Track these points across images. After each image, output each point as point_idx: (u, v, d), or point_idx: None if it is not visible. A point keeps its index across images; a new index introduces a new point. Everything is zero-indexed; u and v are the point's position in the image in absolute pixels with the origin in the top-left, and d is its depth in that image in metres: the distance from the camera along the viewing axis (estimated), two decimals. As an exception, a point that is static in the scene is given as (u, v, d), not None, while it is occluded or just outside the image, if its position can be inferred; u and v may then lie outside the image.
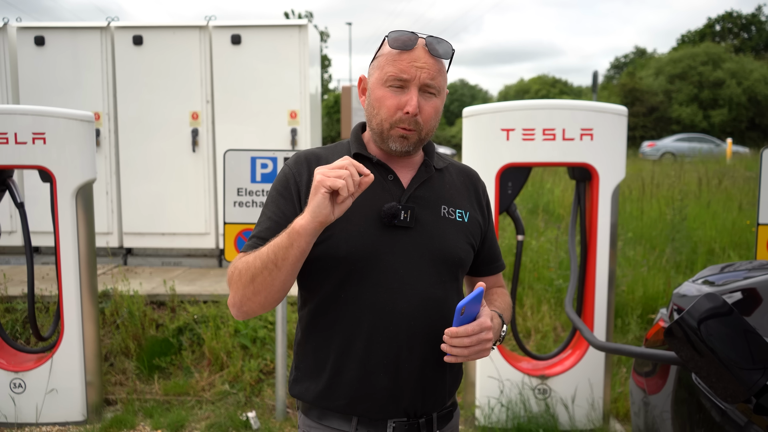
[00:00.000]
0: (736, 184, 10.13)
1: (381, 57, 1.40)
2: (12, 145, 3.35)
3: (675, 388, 2.09)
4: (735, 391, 1.46)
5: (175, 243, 5.87)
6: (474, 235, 1.51)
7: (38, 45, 5.67)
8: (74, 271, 3.45)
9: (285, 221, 1.37)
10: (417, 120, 1.37)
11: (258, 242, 1.38)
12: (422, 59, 1.36)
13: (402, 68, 1.36)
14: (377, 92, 1.39)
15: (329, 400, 1.42)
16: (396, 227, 1.39)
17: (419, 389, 1.42)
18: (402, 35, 1.37)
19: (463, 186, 1.56)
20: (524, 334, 4.62)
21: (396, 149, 1.40)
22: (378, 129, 1.41)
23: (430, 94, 1.39)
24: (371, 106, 1.42)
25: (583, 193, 3.50)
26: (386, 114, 1.38)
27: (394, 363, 1.39)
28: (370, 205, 1.40)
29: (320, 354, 1.44)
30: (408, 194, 1.43)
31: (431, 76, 1.37)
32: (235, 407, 3.72)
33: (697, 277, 2.53)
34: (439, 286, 1.42)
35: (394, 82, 1.37)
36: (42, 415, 3.51)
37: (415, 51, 1.36)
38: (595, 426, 3.44)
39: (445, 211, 1.46)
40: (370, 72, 1.45)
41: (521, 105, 3.38)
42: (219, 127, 5.74)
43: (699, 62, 34.74)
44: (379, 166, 1.45)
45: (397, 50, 1.37)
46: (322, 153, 1.49)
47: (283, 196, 1.43)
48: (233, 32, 5.64)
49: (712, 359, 1.46)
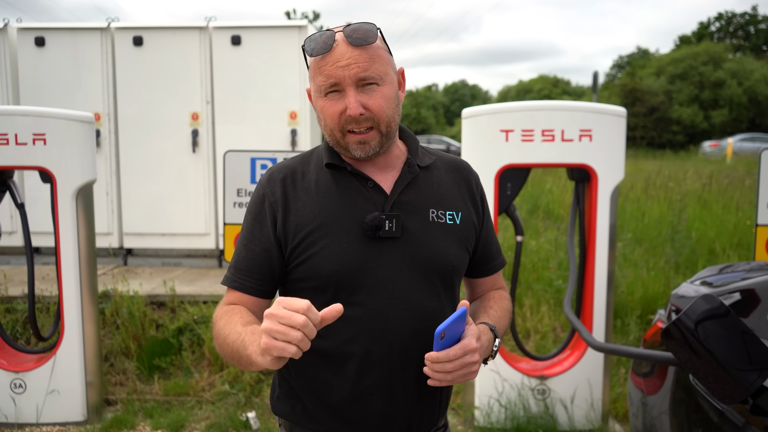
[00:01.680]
0: (733, 184, 10.13)
1: (310, 67, 1.32)
2: (12, 146, 3.36)
3: (673, 388, 2.10)
4: (732, 392, 1.47)
5: (175, 243, 5.87)
6: (468, 238, 1.41)
7: (38, 46, 5.68)
8: (74, 272, 3.45)
9: (260, 248, 1.34)
10: (366, 116, 1.27)
11: (236, 275, 1.35)
12: (346, 55, 1.25)
13: (328, 73, 1.26)
14: (319, 104, 1.31)
15: (317, 423, 1.35)
16: (381, 239, 1.30)
17: (414, 410, 1.35)
18: (316, 39, 1.28)
19: (454, 182, 1.44)
20: (523, 334, 4.62)
21: (359, 155, 1.31)
22: (332, 140, 1.33)
23: (372, 85, 1.27)
24: (319, 119, 1.34)
25: (582, 194, 3.50)
26: (333, 122, 1.29)
27: (387, 385, 1.31)
28: (352, 217, 1.31)
29: (307, 375, 1.35)
30: (392, 201, 1.33)
31: (363, 68, 1.25)
32: (235, 407, 3.73)
33: (695, 278, 2.54)
34: (433, 297, 1.34)
35: (329, 89, 1.28)
36: (42, 415, 3.51)
37: (336, 50, 1.26)
38: (594, 426, 3.44)
39: (434, 215, 1.36)
40: (310, 84, 1.37)
41: (520, 106, 3.38)
42: (219, 127, 5.75)
43: (700, 62, 34.73)
44: (355, 175, 1.35)
45: (318, 57, 1.28)
46: (297, 165, 1.40)
47: (258, 221, 1.36)
48: (233, 33, 5.65)
49: (709, 360, 1.46)
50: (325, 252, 1.29)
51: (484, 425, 3.44)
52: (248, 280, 1.34)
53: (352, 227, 1.30)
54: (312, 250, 1.30)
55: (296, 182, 1.36)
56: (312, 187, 1.34)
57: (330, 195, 1.33)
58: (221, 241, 5.82)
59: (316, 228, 1.30)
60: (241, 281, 1.35)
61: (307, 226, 1.31)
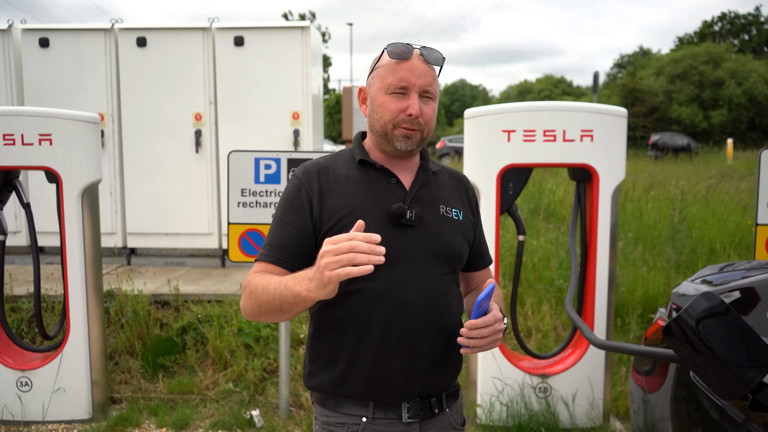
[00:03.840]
0: (733, 183, 10.14)
1: (381, 68, 1.53)
2: (19, 146, 3.39)
3: (674, 386, 2.12)
4: (732, 389, 1.49)
5: (179, 243, 5.90)
6: (468, 233, 1.63)
7: (43, 47, 5.71)
8: (80, 271, 3.48)
9: (297, 230, 1.51)
10: (419, 121, 1.50)
11: (272, 251, 1.51)
12: (419, 68, 1.50)
13: (402, 77, 1.49)
14: (380, 98, 1.52)
15: (346, 387, 1.51)
16: (402, 225, 1.51)
17: (430, 371, 1.52)
18: (399, 47, 1.51)
19: (456, 188, 1.68)
20: (525, 333, 4.65)
21: (401, 148, 1.52)
22: (382, 131, 1.52)
23: (428, 99, 1.52)
24: (374, 111, 1.54)
25: (583, 194, 3.53)
26: (390, 116, 1.50)
27: (407, 348, 1.49)
28: (378, 206, 1.52)
29: (335, 345, 1.52)
30: (411, 195, 1.55)
31: (428, 82, 1.51)
32: (239, 406, 3.76)
33: (695, 277, 2.56)
34: (442, 277, 1.54)
35: (396, 90, 1.50)
36: (48, 413, 3.54)
37: (411, 60, 1.50)
38: (596, 424, 3.47)
39: (444, 210, 1.59)
40: (370, 82, 1.58)
41: (522, 107, 3.41)
42: (222, 128, 5.78)
43: (700, 62, 34.73)
44: (382, 171, 1.57)
45: (396, 60, 1.50)
46: (329, 163, 1.59)
47: (294, 206, 1.53)
48: (236, 34, 5.67)
49: (709, 357, 1.49)
50: None
51: (486, 423, 3.47)
52: (283, 255, 1.50)
53: (378, 215, 1.50)
54: (343, 232, 1.43)
55: (329, 175, 1.56)
56: (343, 180, 1.55)
57: (359, 187, 1.54)
58: (224, 240, 5.85)
59: (347, 214, 1.49)
60: (277, 256, 1.50)
61: (340, 212, 1.50)
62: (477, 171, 3.43)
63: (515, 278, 3.70)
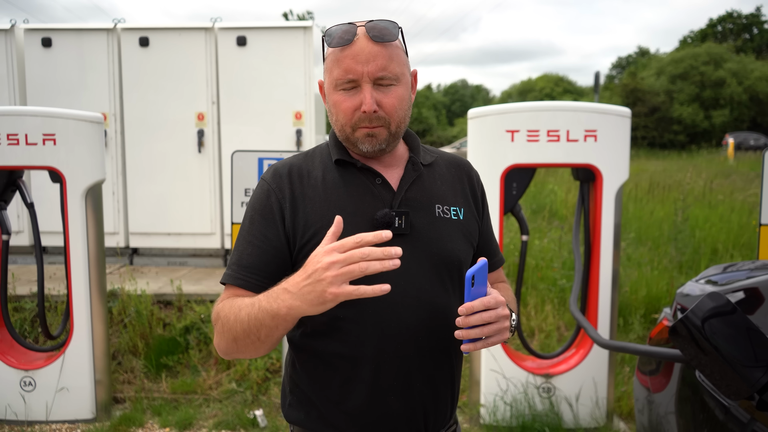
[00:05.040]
0: (734, 183, 10.14)
1: (327, 59, 1.30)
2: (23, 146, 3.39)
3: (679, 386, 2.12)
4: (738, 389, 1.49)
5: (181, 243, 5.91)
6: (472, 233, 1.41)
7: (45, 46, 5.71)
8: (84, 271, 3.49)
9: (268, 246, 1.29)
10: (379, 116, 1.26)
11: (240, 272, 1.28)
12: (366, 51, 1.23)
13: (346, 67, 1.24)
14: (332, 97, 1.29)
15: (334, 428, 1.31)
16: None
17: (429, 407, 1.33)
18: (338, 30, 1.25)
19: (456, 179, 1.44)
20: (528, 333, 4.65)
21: (367, 150, 1.29)
22: (342, 135, 1.31)
23: (387, 86, 1.26)
24: (331, 113, 1.32)
25: (587, 194, 3.53)
26: (345, 118, 1.28)
27: (405, 384, 1.29)
28: (361, 214, 1.29)
29: (320, 379, 1.31)
30: (399, 197, 1.32)
31: (381, 66, 1.24)
32: (242, 405, 3.76)
33: (700, 277, 2.56)
34: (443, 293, 1.32)
35: (345, 85, 1.26)
36: (52, 413, 3.55)
37: (356, 44, 1.24)
38: (599, 424, 3.47)
39: (440, 210, 1.35)
40: (324, 76, 1.34)
41: (526, 107, 3.41)
42: (224, 127, 5.78)
43: (701, 62, 34.71)
44: (364, 171, 1.34)
45: (339, 49, 1.25)
46: (302, 164, 1.37)
47: (263, 217, 1.31)
48: (239, 34, 5.68)
49: (715, 357, 1.48)
50: None
51: (489, 423, 3.47)
52: (253, 276, 1.28)
53: (361, 223, 1.27)
54: None
55: (303, 179, 1.33)
56: (319, 184, 1.32)
57: (338, 192, 1.31)
58: (227, 240, 5.85)
59: (325, 225, 1.24)
60: (246, 277, 1.28)
61: (317, 223, 1.27)
62: (480, 171, 3.36)
63: (518, 278, 3.70)
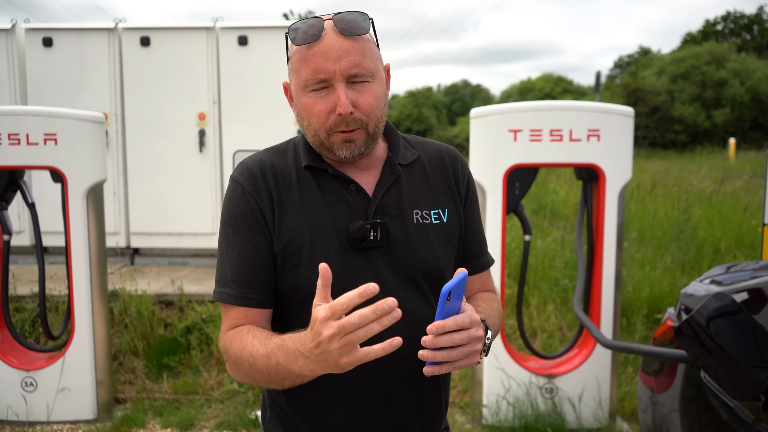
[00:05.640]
0: (736, 183, 10.14)
1: (292, 58, 1.19)
2: (24, 146, 3.38)
3: (683, 386, 2.11)
4: (744, 389, 1.48)
5: (182, 243, 5.90)
6: (456, 235, 1.32)
7: (46, 46, 5.70)
8: (85, 271, 3.48)
9: (260, 255, 1.20)
10: (356, 117, 1.16)
11: (239, 290, 1.20)
12: (336, 47, 1.14)
13: (316, 66, 1.14)
14: (301, 100, 1.19)
15: None
16: (366, 248, 1.21)
17: (415, 423, 1.27)
18: (303, 26, 1.16)
19: (439, 175, 1.33)
20: (530, 333, 4.64)
21: (345, 156, 1.20)
22: (316, 141, 1.21)
23: (362, 83, 1.17)
24: (300, 117, 1.22)
25: (589, 194, 3.52)
26: (318, 122, 1.17)
27: (386, 401, 1.23)
28: (335, 224, 1.21)
29: (298, 396, 1.25)
30: (375, 205, 1.23)
31: (354, 63, 1.14)
32: (243, 406, 3.75)
33: (704, 277, 2.55)
34: (425, 304, 1.24)
35: (315, 86, 1.16)
36: (53, 413, 3.54)
37: (324, 39, 1.14)
38: (602, 425, 3.46)
39: (418, 216, 1.26)
40: (289, 78, 1.24)
41: (528, 106, 3.40)
42: (225, 127, 5.77)
43: (702, 62, 34.68)
44: (337, 178, 1.24)
45: (305, 46, 1.15)
46: (276, 161, 1.27)
47: (248, 225, 1.21)
48: (240, 33, 5.67)
49: (721, 357, 1.48)
50: (312, 262, 1.19)
51: (492, 423, 3.46)
52: (253, 293, 1.20)
53: (336, 235, 1.20)
54: (297, 258, 1.20)
55: (277, 178, 1.24)
56: (294, 186, 1.23)
57: (313, 197, 1.22)
58: (228, 240, 5.84)
59: (301, 233, 1.19)
60: (246, 295, 1.20)
61: (292, 230, 1.20)
62: (483, 171, 3.42)
63: (521, 278, 3.69)
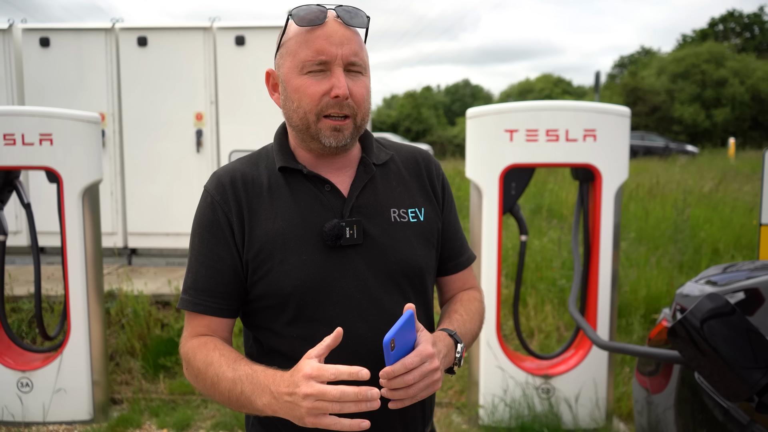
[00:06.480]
0: (736, 183, 10.13)
1: (289, 41, 1.20)
2: (19, 146, 3.38)
3: (678, 387, 2.11)
4: (737, 390, 1.48)
5: (179, 243, 5.89)
6: (434, 234, 1.32)
7: (43, 46, 5.70)
8: (81, 271, 3.47)
9: (223, 265, 1.22)
10: (349, 103, 1.17)
11: (200, 297, 1.23)
12: (339, 33, 1.16)
13: (318, 48, 1.15)
14: (295, 82, 1.19)
15: None
16: (343, 247, 1.21)
17: (399, 424, 1.26)
18: (308, 9, 1.17)
19: (414, 176, 1.34)
20: (527, 333, 4.64)
21: (330, 144, 1.19)
22: (302, 125, 1.20)
23: (357, 73, 1.19)
24: (289, 100, 1.21)
25: (586, 194, 3.51)
26: (310, 103, 1.17)
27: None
28: (310, 225, 1.21)
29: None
30: (350, 205, 1.23)
31: (353, 51, 1.17)
32: (240, 406, 3.74)
33: (699, 277, 2.54)
34: (404, 303, 1.24)
35: (314, 67, 1.16)
36: (49, 414, 3.53)
37: (327, 25, 1.17)
38: (599, 425, 3.45)
39: (396, 214, 1.27)
40: (279, 63, 1.24)
41: (525, 106, 3.39)
42: (223, 127, 5.77)
43: (702, 61, 34.67)
44: (311, 179, 1.25)
45: (307, 28, 1.17)
46: (247, 170, 1.27)
47: (212, 234, 1.22)
48: (237, 33, 5.67)
49: (714, 358, 1.47)
50: (284, 266, 1.19)
51: (488, 424, 3.46)
52: (214, 301, 1.22)
53: (310, 236, 1.20)
54: (269, 264, 1.19)
55: (247, 187, 1.24)
56: (264, 193, 1.23)
57: (285, 201, 1.22)
58: (225, 240, 5.84)
59: (272, 239, 1.19)
60: (206, 303, 1.22)
61: (263, 237, 1.20)
62: (479, 171, 3.41)
63: (518, 279, 3.69)
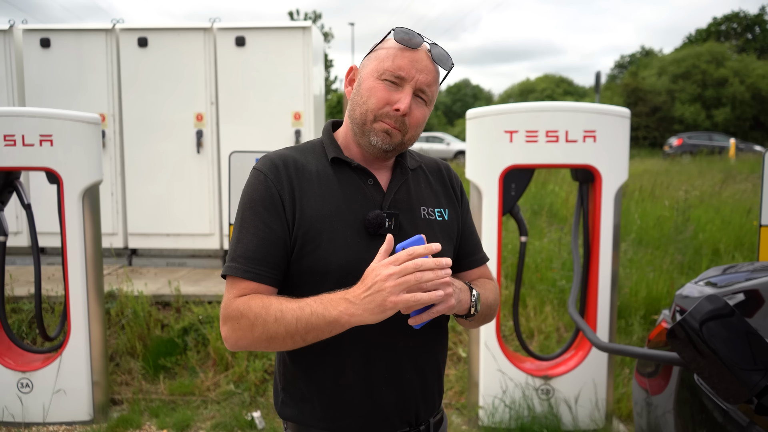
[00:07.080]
0: (736, 183, 10.12)
1: (382, 50, 1.35)
2: (20, 147, 3.38)
3: (677, 388, 2.11)
4: (736, 392, 1.48)
5: (180, 244, 5.90)
6: (453, 232, 1.47)
7: (44, 47, 5.70)
8: (81, 272, 3.47)
9: (274, 237, 1.30)
10: (405, 121, 1.32)
11: (250, 265, 1.29)
12: (423, 62, 1.32)
13: (401, 65, 1.30)
14: (369, 82, 1.33)
15: (331, 421, 1.36)
16: (380, 235, 1.33)
17: (420, 398, 1.40)
18: (410, 33, 1.32)
19: (438, 182, 1.50)
20: (527, 334, 4.63)
21: (377, 144, 1.33)
22: (361, 119, 1.34)
23: (422, 101, 1.35)
24: (359, 95, 1.35)
25: (586, 195, 3.51)
26: (375, 104, 1.31)
27: (397, 375, 1.36)
28: (353, 212, 1.34)
29: (313, 375, 1.36)
30: (389, 199, 1.38)
31: (428, 82, 1.33)
32: (240, 407, 3.75)
33: (699, 279, 2.54)
34: None
35: (391, 77, 1.31)
36: (49, 414, 3.54)
37: (418, 52, 1.32)
38: (598, 426, 3.45)
39: (425, 212, 1.42)
40: (364, 63, 1.39)
41: (524, 107, 3.39)
42: (223, 128, 5.77)
43: (703, 61, 34.66)
44: (359, 171, 1.38)
45: (401, 47, 1.32)
46: (297, 156, 1.39)
47: (265, 207, 1.32)
48: (237, 34, 5.67)
49: (713, 360, 1.47)
50: (332, 245, 1.30)
51: (488, 425, 3.46)
52: (263, 269, 1.29)
53: (354, 222, 1.32)
54: (317, 241, 1.30)
55: (298, 171, 1.35)
56: (314, 179, 1.35)
57: (332, 188, 1.34)
58: (225, 241, 5.84)
59: (321, 219, 1.30)
60: (256, 270, 1.29)
61: (313, 216, 1.31)
62: (479, 172, 3.41)
63: (517, 279, 3.69)
